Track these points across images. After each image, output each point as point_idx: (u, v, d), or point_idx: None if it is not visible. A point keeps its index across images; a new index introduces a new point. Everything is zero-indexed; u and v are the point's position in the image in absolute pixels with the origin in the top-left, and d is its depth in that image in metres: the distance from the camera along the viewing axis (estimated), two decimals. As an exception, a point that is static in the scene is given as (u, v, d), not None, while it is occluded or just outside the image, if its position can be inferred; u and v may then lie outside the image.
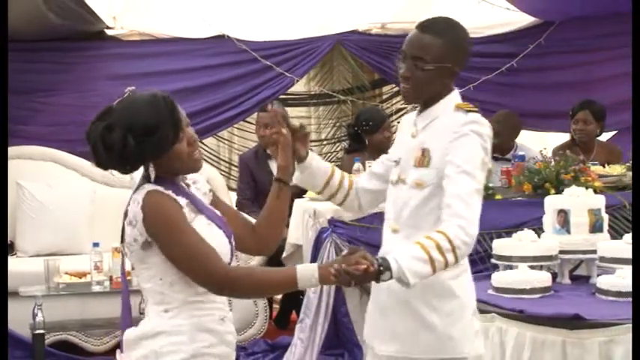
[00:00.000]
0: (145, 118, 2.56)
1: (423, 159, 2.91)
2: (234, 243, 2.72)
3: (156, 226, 2.56)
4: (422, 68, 2.88)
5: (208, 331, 2.64)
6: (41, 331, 5.38)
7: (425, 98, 2.95)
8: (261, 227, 2.87)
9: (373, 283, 2.85)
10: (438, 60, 2.88)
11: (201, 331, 2.62)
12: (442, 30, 2.92)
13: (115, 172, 2.66)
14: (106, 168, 2.64)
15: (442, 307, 2.88)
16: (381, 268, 2.63)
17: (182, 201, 2.61)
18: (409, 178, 2.93)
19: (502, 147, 6.69)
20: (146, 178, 2.64)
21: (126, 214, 2.62)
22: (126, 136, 2.54)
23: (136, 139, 2.54)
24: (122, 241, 2.67)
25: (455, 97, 2.96)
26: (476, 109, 2.91)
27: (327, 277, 2.57)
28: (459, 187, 2.77)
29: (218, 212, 2.75)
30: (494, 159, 6.60)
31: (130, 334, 2.68)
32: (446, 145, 2.84)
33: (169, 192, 2.60)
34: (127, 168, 2.63)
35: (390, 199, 3.01)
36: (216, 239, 2.62)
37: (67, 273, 5.59)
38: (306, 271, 2.58)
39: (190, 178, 2.75)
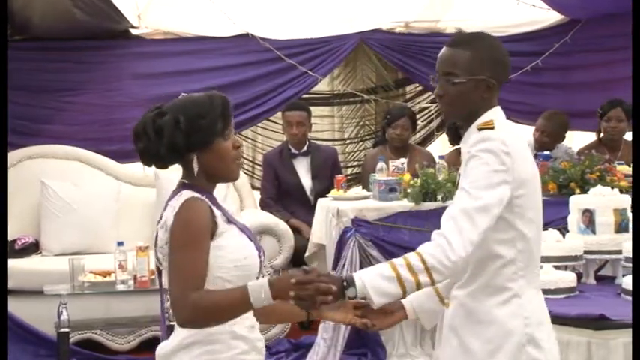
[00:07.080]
0: (197, 103, 2.61)
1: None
2: (262, 258, 2.72)
3: (176, 229, 2.54)
4: (453, 82, 2.77)
5: (241, 338, 2.63)
6: (66, 330, 5.40)
7: (463, 114, 2.82)
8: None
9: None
10: (469, 72, 2.75)
11: (234, 339, 2.62)
12: (470, 42, 2.80)
13: (150, 170, 2.67)
14: (149, 161, 2.64)
15: (483, 333, 2.75)
16: (345, 284, 2.56)
17: (217, 212, 2.60)
18: None
19: (549, 144, 6.72)
20: (183, 186, 2.64)
21: (160, 219, 2.61)
22: (178, 119, 2.58)
23: (186, 122, 2.57)
24: (155, 245, 2.65)
25: (490, 115, 2.79)
26: (491, 125, 2.74)
27: (284, 290, 2.46)
28: (453, 206, 2.67)
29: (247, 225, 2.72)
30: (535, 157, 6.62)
31: (162, 348, 2.66)
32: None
33: (207, 201, 2.59)
34: (173, 157, 2.61)
35: None
36: (247, 249, 2.63)
37: (91, 272, 5.60)
38: (255, 285, 2.48)
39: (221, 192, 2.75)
